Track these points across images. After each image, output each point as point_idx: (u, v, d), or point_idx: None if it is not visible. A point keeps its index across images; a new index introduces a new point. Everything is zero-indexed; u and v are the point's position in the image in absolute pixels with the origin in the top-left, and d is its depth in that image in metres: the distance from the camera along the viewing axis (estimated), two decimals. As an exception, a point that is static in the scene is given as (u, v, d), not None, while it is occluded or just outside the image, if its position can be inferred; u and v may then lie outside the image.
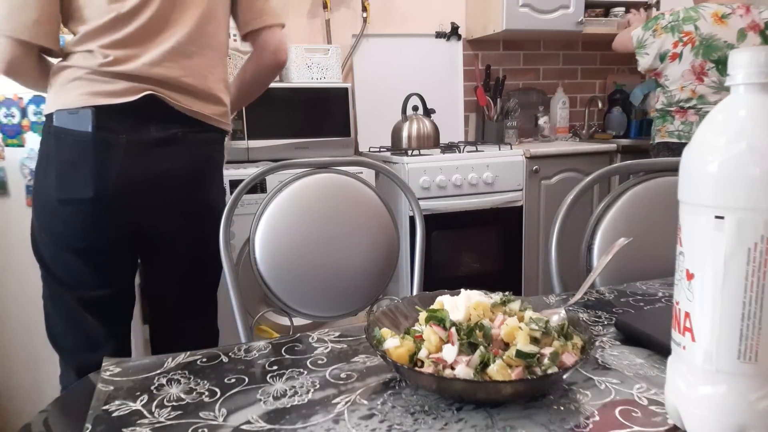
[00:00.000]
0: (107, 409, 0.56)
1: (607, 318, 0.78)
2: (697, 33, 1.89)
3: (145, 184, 1.11)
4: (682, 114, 1.95)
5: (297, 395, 0.57)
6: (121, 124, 1.08)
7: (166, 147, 1.12)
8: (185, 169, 1.15)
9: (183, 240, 1.20)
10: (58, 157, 1.09)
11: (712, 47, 1.88)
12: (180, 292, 1.26)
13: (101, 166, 1.07)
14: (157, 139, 1.10)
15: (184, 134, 1.14)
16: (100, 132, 1.06)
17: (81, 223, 1.10)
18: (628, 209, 1.09)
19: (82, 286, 1.16)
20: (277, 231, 1.13)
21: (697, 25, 1.90)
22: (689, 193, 0.45)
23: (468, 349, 0.56)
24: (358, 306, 1.20)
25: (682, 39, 1.91)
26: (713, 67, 1.89)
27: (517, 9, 2.51)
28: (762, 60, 0.42)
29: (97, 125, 1.06)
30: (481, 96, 2.72)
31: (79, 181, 1.07)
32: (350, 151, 2.21)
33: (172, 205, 1.16)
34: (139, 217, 1.14)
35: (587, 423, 0.51)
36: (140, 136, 1.09)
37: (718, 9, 1.92)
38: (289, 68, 2.20)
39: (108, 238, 1.14)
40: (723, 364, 0.44)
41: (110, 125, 1.07)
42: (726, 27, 1.89)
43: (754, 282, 0.42)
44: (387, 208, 1.24)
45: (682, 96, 1.94)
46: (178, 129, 1.13)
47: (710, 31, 1.89)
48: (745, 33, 1.88)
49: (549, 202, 2.39)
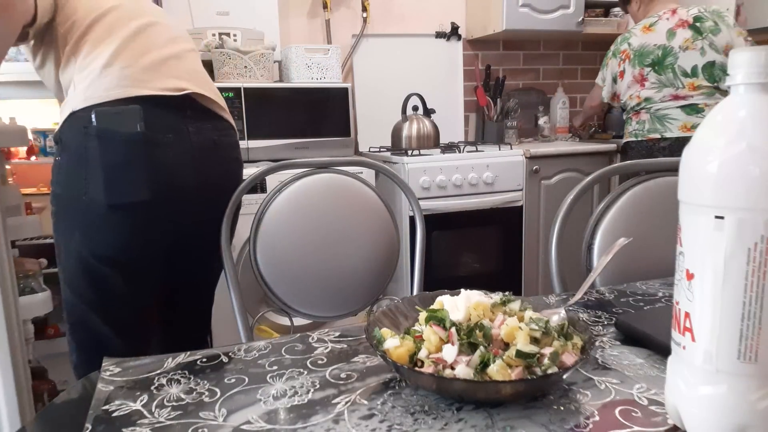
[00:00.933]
0: (107, 409, 0.56)
1: (607, 318, 0.78)
2: (630, 48, 2.09)
3: (191, 188, 1.06)
4: (636, 115, 2.13)
5: (297, 395, 0.57)
6: (164, 121, 1.02)
7: (207, 150, 1.08)
8: (224, 172, 1.13)
9: (209, 246, 1.12)
10: (105, 159, 0.99)
11: (644, 54, 2.05)
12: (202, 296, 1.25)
13: (154, 166, 1.02)
14: (200, 141, 1.07)
15: (219, 136, 1.12)
16: (149, 131, 1.00)
17: (131, 229, 1.03)
18: (628, 209, 1.09)
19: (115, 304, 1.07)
20: (277, 231, 1.13)
21: (629, 42, 2.10)
22: (689, 193, 0.45)
23: (468, 349, 0.56)
24: (358, 306, 1.21)
25: (621, 58, 2.12)
26: (650, 71, 2.05)
27: (517, 9, 2.52)
28: (762, 60, 0.42)
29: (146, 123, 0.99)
30: (481, 96, 2.72)
31: (133, 184, 1.00)
32: (350, 151, 2.21)
33: (213, 210, 1.09)
34: (182, 224, 1.08)
35: (587, 423, 0.51)
36: (183, 137, 1.04)
37: (646, 21, 2.10)
38: (289, 68, 2.20)
39: (152, 248, 1.08)
40: (723, 364, 0.44)
41: (156, 123, 1.01)
42: (654, 33, 2.05)
43: (754, 282, 0.42)
44: (387, 208, 1.24)
45: (632, 103, 2.12)
46: (213, 131, 1.10)
47: (640, 42, 2.07)
48: (673, 31, 2.02)
49: (549, 202, 2.39)
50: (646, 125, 2.07)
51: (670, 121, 2.02)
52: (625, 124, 2.21)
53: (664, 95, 2.02)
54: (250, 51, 2.03)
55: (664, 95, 2.02)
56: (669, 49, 2.00)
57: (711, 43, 1.96)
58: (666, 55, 2.00)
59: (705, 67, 1.97)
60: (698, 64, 1.97)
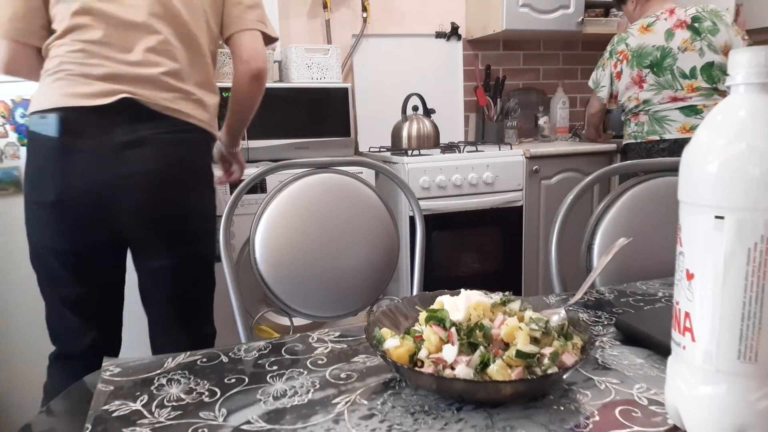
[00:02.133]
0: (107, 409, 0.56)
1: (607, 318, 0.78)
2: (628, 49, 2.08)
3: (114, 188, 1.10)
4: (635, 117, 2.12)
5: (297, 395, 0.57)
6: (89, 127, 1.08)
7: (134, 149, 1.10)
8: (155, 171, 1.12)
9: (164, 244, 1.18)
10: (31, 160, 1.12)
11: (643, 55, 2.04)
12: (166, 295, 1.24)
13: (63, 170, 1.08)
14: (124, 141, 1.09)
15: (154, 135, 1.11)
16: (66, 136, 1.07)
17: (49, 226, 1.12)
18: (628, 209, 1.09)
19: (59, 285, 1.17)
20: (277, 231, 1.13)
21: (627, 43, 2.09)
22: (689, 193, 0.45)
23: (468, 349, 0.56)
24: (358, 306, 1.21)
25: (618, 58, 2.11)
26: (649, 72, 2.04)
27: (517, 9, 2.51)
28: (762, 60, 0.42)
29: (65, 130, 1.07)
30: (481, 96, 2.72)
31: (44, 185, 1.10)
32: (350, 151, 2.21)
33: (146, 209, 1.13)
34: (115, 222, 1.13)
35: (587, 423, 0.51)
36: (107, 139, 1.08)
37: (643, 21, 2.09)
38: (289, 68, 2.20)
39: (81, 241, 1.14)
40: (723, 364, 0.44)
41: (78, 129, 1.08)
42: (653, 33, 2.04)
43: (754, 282, 0.42)
44: (387, 208, 1.24)
45: (630, 105, 2.12)
46: (149, 130, 1.11)
47: (638, 43, 2.06)
48: (672, 31, 2.01)
49: (549, 202, 2.39)
50: (645, 127, 2.08)
51: (669, 123, 2.02)
52: (624, 125, 2.21)
53: (662, 97, 2.02)
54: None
55: (663, 97, 2.02)
56: (668, 50, 2.00)
57: (709, 44, 1.96)
58: (665, 56, 2.00)
59: (704, 69, 1.97)
60: (697, 65, 1.97)
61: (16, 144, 1.74)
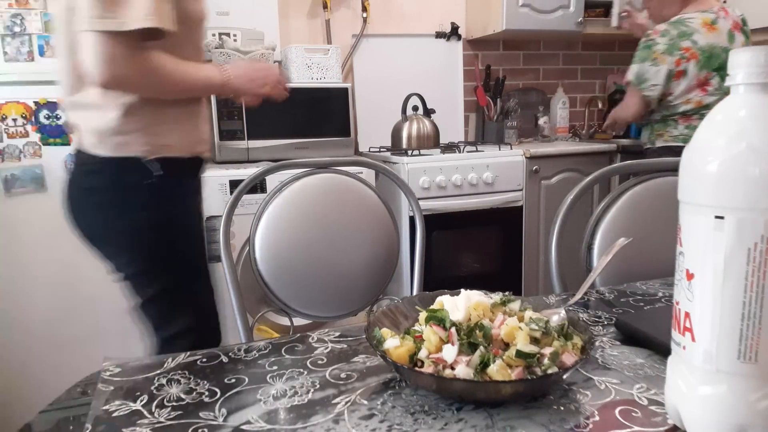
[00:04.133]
0: (107, 409, 0.56)
1: (607, 318, 0.78)
2: (696, 47, 1.87)
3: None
4: (686, 119, 1.94)
5: (297, 395, 0.57)
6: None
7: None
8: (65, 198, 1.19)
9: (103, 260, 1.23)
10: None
11: (713, 56, 1.87)
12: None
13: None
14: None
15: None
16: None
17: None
18: (628, 209, 1.09)
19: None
20: (277, 231, 1.13)
21: (694, 39, 1.87)
22: (689, 193, 0.45)
23: (468, 349, 0.56)
24: (358, 306, 1.20)
25: (683, 56, 1.87)
26: (715, 75, 1.89)
27: (517, 9, 2.51)
28: (762, 60, 0.42)
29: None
30: (481, 96, 2.72)
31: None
32: (350, 151, 2.21)
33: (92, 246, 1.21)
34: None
35: (587, 423, 0.51)
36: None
37: (704, 17, 1.89)
38: (289, 68, 2.20)
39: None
40: (723, 364, 0.44)
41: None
42: (718, 32, 1.89)
43: (754, 282, 0.42)
44: (387, 208, 1.24)
45: (687, 107, 1.93)
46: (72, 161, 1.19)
47: (708, 41, 1.87)
48: (733, 33, 1.90)
49: (549, 202, 2.39)
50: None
51: None
52: (661, 124, 2.01)
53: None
54: (250, 51, 2.03)
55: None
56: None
57: None
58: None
59: None
60: None
61: (38, 143, 1.84)
